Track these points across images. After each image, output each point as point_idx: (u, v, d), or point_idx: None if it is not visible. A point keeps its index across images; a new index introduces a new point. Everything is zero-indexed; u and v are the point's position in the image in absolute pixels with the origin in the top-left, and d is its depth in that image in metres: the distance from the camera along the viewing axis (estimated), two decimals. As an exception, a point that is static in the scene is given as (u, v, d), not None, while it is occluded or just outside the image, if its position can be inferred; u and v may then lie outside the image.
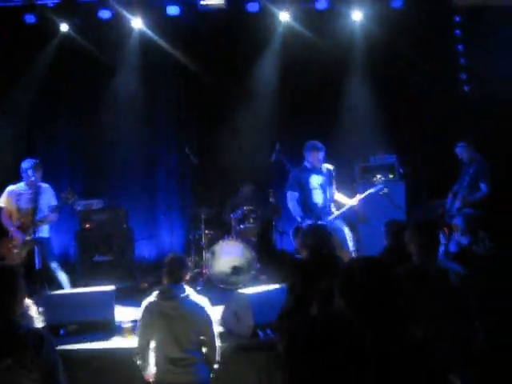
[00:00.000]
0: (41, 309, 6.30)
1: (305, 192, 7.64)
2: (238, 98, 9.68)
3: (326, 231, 5.41)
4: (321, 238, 5.16)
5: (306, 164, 7.74)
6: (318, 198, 7.64)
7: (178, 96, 10.24)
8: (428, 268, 4.20)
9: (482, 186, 7.78)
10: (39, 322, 4.86)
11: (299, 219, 7.52)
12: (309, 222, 7.22)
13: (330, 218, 7.51)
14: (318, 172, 7.71)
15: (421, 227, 4.48)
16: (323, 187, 7.67)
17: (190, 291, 4.66)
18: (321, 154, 7.63)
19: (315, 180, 7.66)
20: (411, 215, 8.70)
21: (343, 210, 7.64)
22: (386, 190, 7.57)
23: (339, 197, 7.85)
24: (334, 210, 7.70)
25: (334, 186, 7.83)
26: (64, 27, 9.30)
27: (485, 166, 7.84)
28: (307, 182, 7.65)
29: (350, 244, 7.42)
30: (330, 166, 7.82)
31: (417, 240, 4.35)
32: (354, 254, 7.32)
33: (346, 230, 7.52)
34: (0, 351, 3.16)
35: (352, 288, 2.70)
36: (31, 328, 3.39)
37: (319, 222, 7.21)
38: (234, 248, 8.46)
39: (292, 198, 7.69)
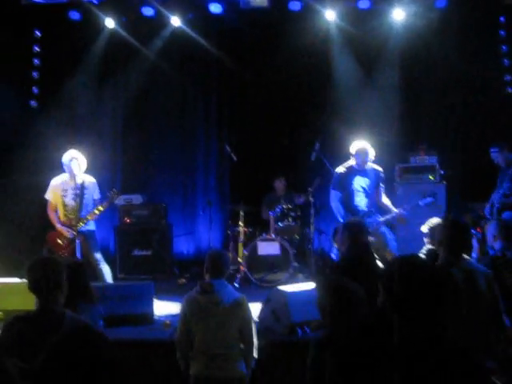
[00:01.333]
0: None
1: (347, 193, 7.51)
2: (279, 96, 9.66)
3: (362, 225, 5.33)
4: (357, 231, 5.09)
5: (352, 164, 7.58)
6: (360, 200, 7.51)
7: (219, 94, 10.30)
8: (453, 269, 4.08)
9: None
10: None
11: (341, 220, 7.36)
12: None
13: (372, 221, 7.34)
14: (364, 174, 7.54)
15: (450, 227, 4.36)
16: (367, 190, 7.53)
17: (230, 287, 4.69)
18: (367, 157, 7.48)
19: (359, 182, 7.52)
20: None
21: (388, 217, 7.42)
22: (436, 204, 7.42)
23: (386, 201, 7.66)
24: (378, 215, 7.50)
25: (382, 189, 7.66)
26: (110, 23, 9.42)
27: None
28: (350, 184, 7.50)
29: (394, 244, 7.32)
30: (377, 168, 7.65)
31: (444, 240, 4.27)
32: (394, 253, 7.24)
33: (388, 231, 7.42)
34: (39, 344, 3.20)
35: (396, 285, 2.69)
36: (76, 319, 3.41)
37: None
38: (271, 246, 8.47)
39: (335, 198, 7.58)
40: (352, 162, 7.59)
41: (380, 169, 7.68)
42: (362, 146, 7.48)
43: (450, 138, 9.50)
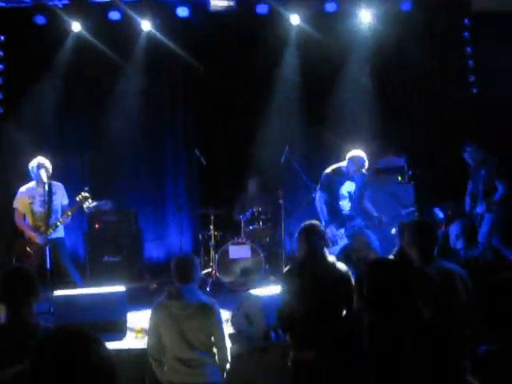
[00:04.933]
0: (52, 309, 6.39)
1: (332, 196, 7.46)
2: (248, 99, 9.65)
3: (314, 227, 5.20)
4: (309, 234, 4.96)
5: (342, 167, 7.52)
6: (345, 205, 7.51)
7: (187, 97, 10.25)
8: (430, 271, 4.12)
9: (499, 185, 7.88)
10: None
11: (323, 223, 7.30)
12: (332, 226, 7.26)
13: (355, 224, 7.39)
14: (352, 179, 7.51)
15: (420, 229, 4.40)
16: (353, 196, 7.53)
17: (198, 292, 4.65)
18: (362, 168, 7.43)
19: (346, 187, 7.51)
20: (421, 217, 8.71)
21: (369, 223, 7.45)
22: (416, 214, 7.50)
23: (369, 206, 7.67)
24: (359, 218, 7.53)
25: (367, 193, 7.68)
26: (76, 27, 9.31)
27: (496, 165, 7.93)
28: (338, 188, 7.48)
29: (377, 243, 7.34)
30: (364, 172, 7.60)
31: (415, 242, 4.28)
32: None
33: (370, 232, 7.44)
34: (14, 355, 3.14)
35: (371, 288, 2.74)
36: (50, 329, 3.35)
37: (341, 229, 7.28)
38: (242, 249, 8.48)
39: (320, 199, 7.52)
40: (343, 165, 7.53)
41: (366, 172, 7.64)
42: (360, 157, 7.40)
43: (418, 138, 9.58)
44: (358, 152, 7.46)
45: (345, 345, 2.76)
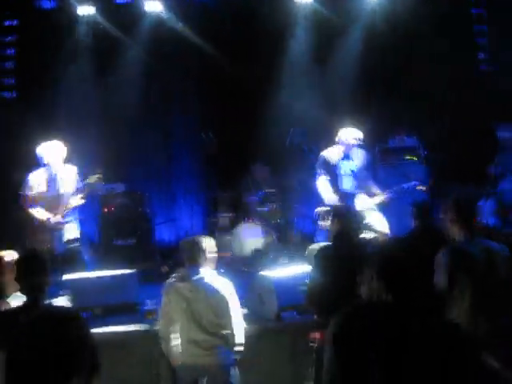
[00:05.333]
0: (64, 292, 6.42)
1: (333, 177, 7.41)
2: (259, 82, 9.63)
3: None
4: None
5: (339, 147, 7.46)
6: (347, 184, 7.44)
7: (198, 81, 10.24)
8: (474, 249, 4.03)
9: None
10: None
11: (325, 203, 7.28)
12: None
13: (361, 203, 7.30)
14: (350, 157, 7.47)
15: (465, 204, 4.28)
16: (354, 174, 7.46)
17: (207, 273, 4.67)
18: (356, 145, 7.41)
19: (346, 165, 7.45)
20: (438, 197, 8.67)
21: (377, 200, 7.34)
22: (422, 187, 7.43)
23: (372, 183, 7.58)
24: (366, 196, 7.42)
25: (369, 171, 7.65)
26: (86, 10, 9.26)
27: None
28: (337, 167, 7.42)
29: (385, 224, 7.28)
30: (363, 150, 7.59)
31: (462, 219, 4.16)
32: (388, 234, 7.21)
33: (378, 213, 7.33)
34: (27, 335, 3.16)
35: (391, 270, 2.71)
36: (62, 309, 3.37)
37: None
38: (254, 230, 8.48)
39: (320, 181, 7.46)
40: (339, 146, 7.47)
41: (365, 151, 7.64)
42: (352, 131, 7.39)
43: (429, 120, 9.52)
44: (348, 129, 7.43)
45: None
